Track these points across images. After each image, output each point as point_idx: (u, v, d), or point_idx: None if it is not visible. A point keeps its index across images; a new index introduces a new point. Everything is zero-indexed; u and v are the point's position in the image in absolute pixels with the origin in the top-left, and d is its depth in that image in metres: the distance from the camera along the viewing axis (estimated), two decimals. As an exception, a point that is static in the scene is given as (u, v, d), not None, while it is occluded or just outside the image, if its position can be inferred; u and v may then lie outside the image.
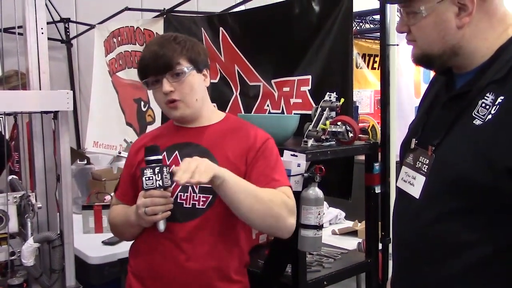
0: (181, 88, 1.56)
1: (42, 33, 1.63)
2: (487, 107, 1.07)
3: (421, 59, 1.22)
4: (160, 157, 1.50)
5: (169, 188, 1.50)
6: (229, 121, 1.69)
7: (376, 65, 6.09)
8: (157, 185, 1.47)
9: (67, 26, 4.66)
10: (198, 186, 1.55)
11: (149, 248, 1.59)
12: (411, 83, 2.64)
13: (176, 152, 1.59)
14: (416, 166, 1.21)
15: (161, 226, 1.51)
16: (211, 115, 1.68)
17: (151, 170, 1.46)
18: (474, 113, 1.09)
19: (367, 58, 6.21)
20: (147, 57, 1.57)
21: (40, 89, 1.62)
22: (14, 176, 1.82)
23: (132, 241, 1.70)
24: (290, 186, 1.60)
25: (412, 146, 1.26)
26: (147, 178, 1.46)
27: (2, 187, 2.92)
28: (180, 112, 1.58)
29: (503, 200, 1.04)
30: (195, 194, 1.55)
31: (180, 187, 1.54)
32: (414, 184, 1.21)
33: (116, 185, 1.76)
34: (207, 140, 1.61)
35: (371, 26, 5.84)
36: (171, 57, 1.54)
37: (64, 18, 4.57)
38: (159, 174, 1.46)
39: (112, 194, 1.82)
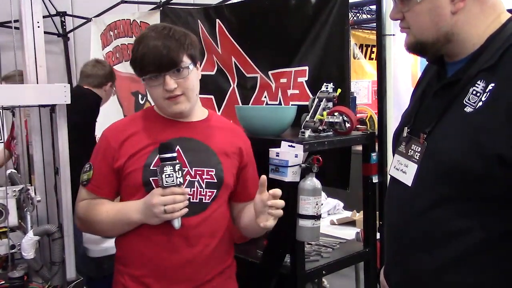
0: (185, 84, 1.54)
1: (39, 27, 1.63)
2: (478, 94, 1.08)
3: (415, 47, 1.22)
4: (175, 154, 1.48)
5: (183, 185, 1.50)
6: (214, 118, 1.71)
7: (373, 56, 6.09)
8: (178, 183, 1.46)
9: (63, 19, 4.65)
10: (204, 181, 1.56)
11: (152, 246, 1.55)
12: (408, 73, 2.64)
13: (178, 146, 1.56)
14: (408, 154, 1.23)
15: (177, 223, 1.49)
16: (199, 110, 1.69)
17: (171, 167, 1.44)
18: (465, 101, 1.10)
19: (364, 48, 6.21)
20: (149, 53, 1.50)
21: (37, 83, 1.63)
22: (13, 170, 1.82)
23: (116, 240, 1.66)
24: None
25: (405, 134, 1.27)
26: (167, 176, 1.44)
27: (1, 181, 2.92)
28: (182, 107, 1.56)
29: (494, 187, 1.05)
30: (202, 189, 1.56)
31: (186, 182, 1.54)
32: (407, 172, 1.22)
33: (87, 178, 1.61)
34: (205, 136, 1.62)
35: (368, 16, 5.84)
36: (176, 54, 1.51)
37: (60, 11, 4.57)
38: (179, 172, 1.46)
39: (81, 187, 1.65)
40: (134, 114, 1.75)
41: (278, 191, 1.46)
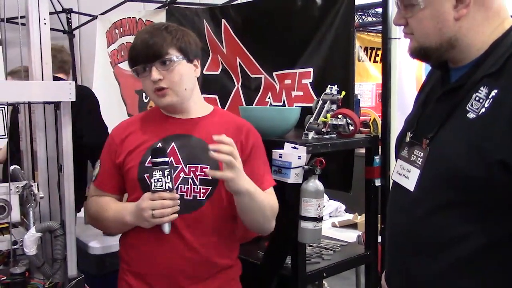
0: (170, 76, 1.55)
1: (45, 23, 1.63)
2: (481, 100, 1.08)
3: (418, 52, 1.22)
4: (167, 159, 1.49)
5: (174, 190, 1.50)
6: (218, 114, 1.70)
7: (378, 58, 6.09)
8: (167, 187, 1.46)
9: (69, 16, 4.66)
10: (198, 178, 1.56)
11: (150, 244, 1.57)
12: (413, 76, 2.65)
13: (173, 143, 1.58)
14: (411, 159, 1.22)
15: (167, 228, 1.49)
16: (200, 107, 1.68)
17: (160, 172, 1.45)
18: (468, 107, 1.10)
19: (369, 51, 6.21)
20: (137, 45, 1.57)
21: (42, 80, 1.63)
22: (16, 166, 1.82)
23: (120, 238, 1.69)
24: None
25: (407, 139, 1.27)
26: (156, 180, 1.45)
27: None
28: (168, 100, 1.57)
29: (496, 192, 1.05)
30: (195, 186, 1.56)
31: (180, 179, 1.55)
32: (409, 177, 1.21)
33: (95, 174, 1.68)
34: (202, 132, 1.61)
35: (373, 19, 5.84)
36: (161, 46, 1.54)
37: (66, 8, 4.57)
38: (169, 176, 1.46)
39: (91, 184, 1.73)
40: (141, 113, 1.79)
41: (222, 137, 1.43)
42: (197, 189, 1.56)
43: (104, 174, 1.67)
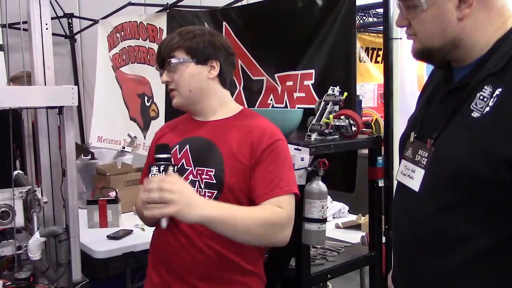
0: (174, 78, 1.61)
1: (47, 28, 1.64)
2: (485, 99, 1.08)
3: (422, 53, 1.22)
4: (169, 155, 1.51)
5: None
6: (241, 116, 1.65)
7: (379, 59, 6.08)
8: None
9: (70, 21, 4.67)
10: (204, 181, 1.56)
11: (162, 241, 1.61)
12: (414, 77, 2.65)
13: (187, 145, 1.61)
14: (416, 159, 1.22)
15: (163, 223, 1.48)
16: (223, 108, 1.65)
17: (157, 168, 1.47)
18: (472, 106, 1.10)
19: (370, 51, 6.20)
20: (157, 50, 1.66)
21: (45, 85, 1.63)
22: (20, 171, 1.83)
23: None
24: (296, 193, 1.54)
25: (411, 139, 1.27)
26: (152, 175, 1.47)
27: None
28: (175, 101, 1.64)
29: (502, 192, 1.04)
30: (200, 189, 1.55)
31: (188, 181, 1.55)
32: (414, 177, 1.21)
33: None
34: (211, 132, 1.61)
35: (374, 19, 5.83)
36: (166, 49, 1.60)
37: (68, 13, 4.58)
38: (164, 173, 1.47)
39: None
40: (182, 115, 1.80)
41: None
42: (202, 192, 1.55)
43: (145, 172, 1.75)
